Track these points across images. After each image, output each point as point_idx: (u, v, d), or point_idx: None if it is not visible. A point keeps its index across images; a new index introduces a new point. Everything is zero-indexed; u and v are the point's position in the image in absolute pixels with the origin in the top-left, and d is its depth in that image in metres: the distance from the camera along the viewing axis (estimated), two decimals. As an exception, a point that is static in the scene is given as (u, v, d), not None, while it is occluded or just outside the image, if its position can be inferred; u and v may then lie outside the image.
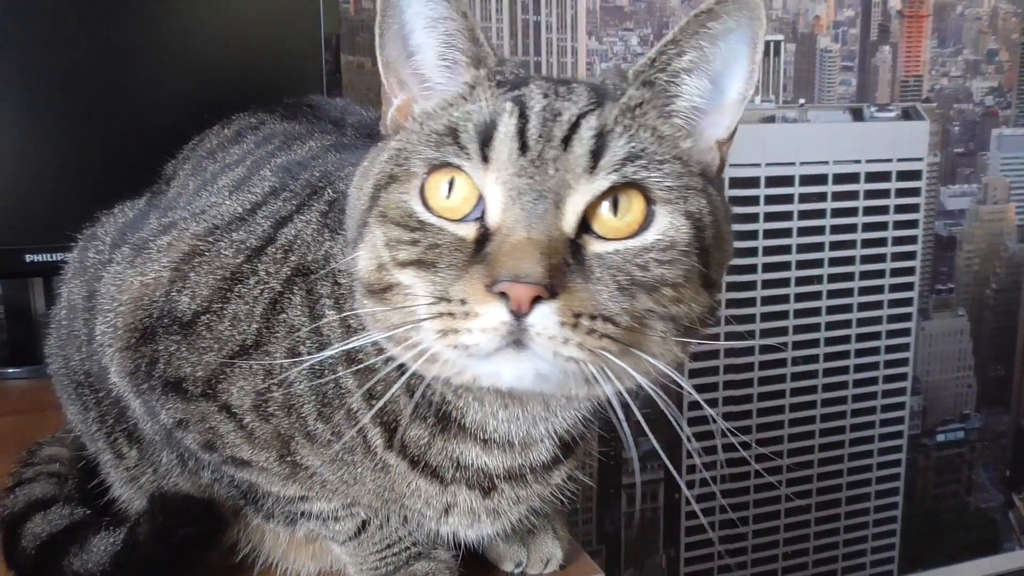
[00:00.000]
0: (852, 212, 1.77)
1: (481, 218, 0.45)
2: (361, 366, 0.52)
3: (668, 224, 0.45)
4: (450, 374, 0.46)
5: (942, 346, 1.93)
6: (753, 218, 1.70)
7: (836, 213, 1.76)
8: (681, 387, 0.47)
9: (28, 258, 1.09)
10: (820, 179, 1.73)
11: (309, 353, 0.53)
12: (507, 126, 0.45)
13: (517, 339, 0.42)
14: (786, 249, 1.74)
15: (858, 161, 1.75)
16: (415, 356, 0.46)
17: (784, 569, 1.87)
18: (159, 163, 0.77)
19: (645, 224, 0.45)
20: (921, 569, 1.98)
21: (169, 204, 0.68)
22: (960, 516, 2.01)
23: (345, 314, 0.52)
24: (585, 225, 0.45)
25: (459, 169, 0.45)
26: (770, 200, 1.71)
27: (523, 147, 0.44)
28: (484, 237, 0.44)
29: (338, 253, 0.54)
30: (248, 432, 0.55)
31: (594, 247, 0.44)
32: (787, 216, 1.73)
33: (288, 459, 0.56)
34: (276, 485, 0.58)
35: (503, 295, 0.41)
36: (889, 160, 1.77)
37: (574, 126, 0.45)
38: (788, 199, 1.72)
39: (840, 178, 1.75)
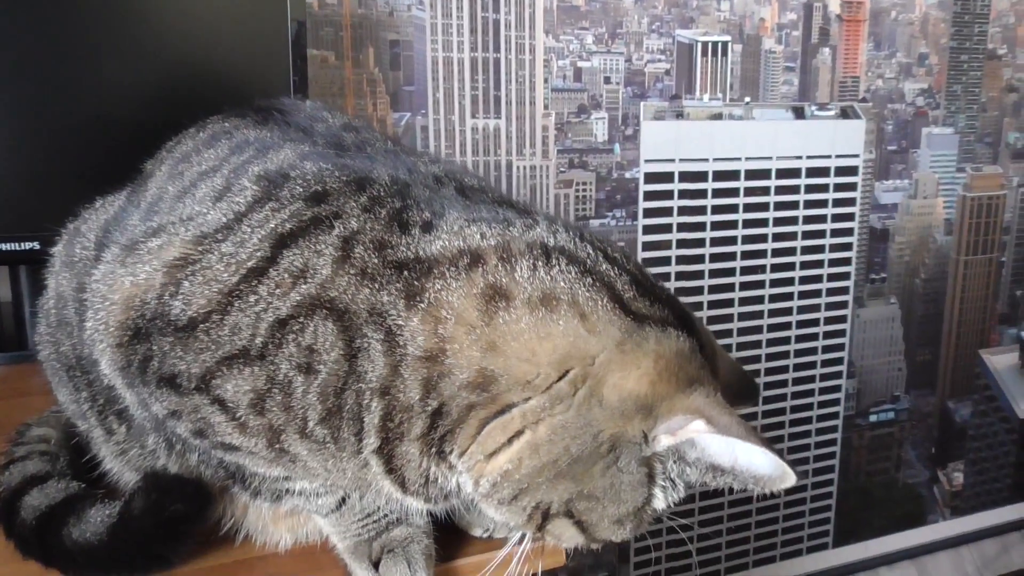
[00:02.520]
0: (793, 205, 1.87)
1: None
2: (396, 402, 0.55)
3: None
4: None
5: (875, 332, 2.05)
6: (701, 210, 1.79)
7: (778, 206, 1.85)
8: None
9: (-3, 246, 1.11)
10: (764, 174, 1.82)
11: (330, 372, 0.55)
12: None
13: None
14: (731, 240, 1.83)
15: (799, 157, 1.85)
16: None
17: (728, 543, 1.98)
18: (126, 154, 0.77)
19: None
20: (854, 541, 2.11)
21: (151, 205, 0.69)
22: (890, 491, 2.14)
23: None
24: None
25: None
26: (717, 193, 1.79)
27: None
28: None
29: (409, 323, 0.55)
30: (240, 423, 0.58)
31: None
32: (733, 209, 1.82)
33: (276, 446, 0.59)
34: (262, 467, 0.62)
35: None
36: (828, 156, 1.87)
37: None
38: (734, 192, 1.81)
39: (782, 173, 1.84)
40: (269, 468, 0.62)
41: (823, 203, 1.89)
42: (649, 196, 1.74)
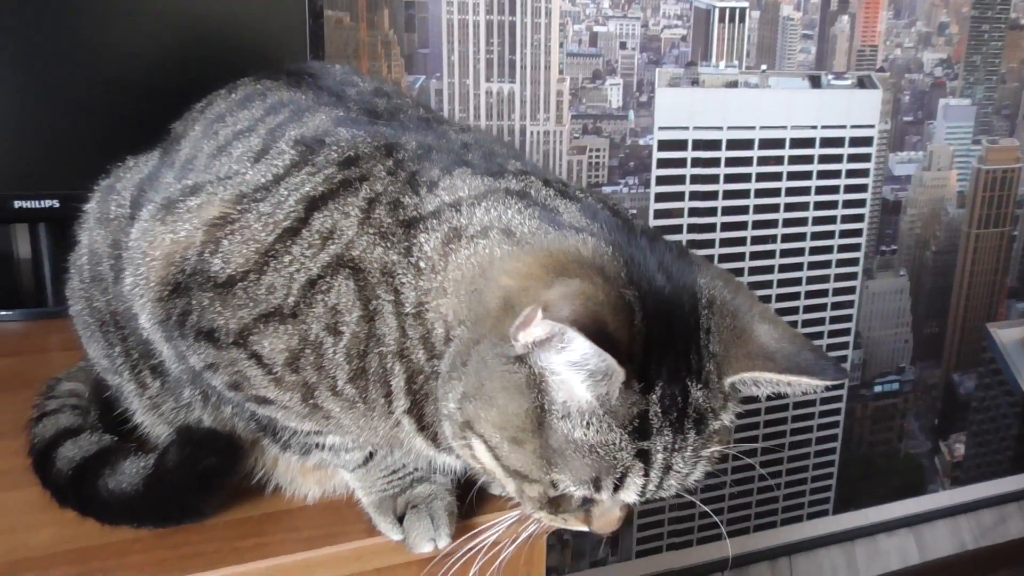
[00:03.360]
0: (807, 175, 1.86)
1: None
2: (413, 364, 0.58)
3: None
4: None
5: (884, 304, 2.05)
6: (714, 179, 1.79)
7: (792, 176, 1.85)
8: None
9: (16, 204, 1.11)
10: (778, 143, 1.82)
11: (353, 334, 0.57)
12: (635, 483, 0.56)
13: None
14: (743, 209, 1.83)
15: (814, 127, 1.84)
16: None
17: (729, 508, 2.01)
18: (142, 115, 0.78)
19: None
20: (854, 508, 2.14)
21: (185, 163, 0.70)
22: (891, 461, 2.17)
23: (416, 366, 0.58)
24: None
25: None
26: (730, 162, 1.79)
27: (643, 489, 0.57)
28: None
29: (406, 279, 0.57)
30: (276, 378, 0.60)
31: None
32: (746, 177, 1.81)
33: (311, 402, 0.61)
34: (294, 421, 0.64)
35: None
36: (843, 127, 1.86)
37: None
38: (747, 161, 1.80)
39: (797, 142, 1.83)
40: (301, 423, 0.64)
41: (836, 173, 1.88)
42: (662, 163, 1.74)
